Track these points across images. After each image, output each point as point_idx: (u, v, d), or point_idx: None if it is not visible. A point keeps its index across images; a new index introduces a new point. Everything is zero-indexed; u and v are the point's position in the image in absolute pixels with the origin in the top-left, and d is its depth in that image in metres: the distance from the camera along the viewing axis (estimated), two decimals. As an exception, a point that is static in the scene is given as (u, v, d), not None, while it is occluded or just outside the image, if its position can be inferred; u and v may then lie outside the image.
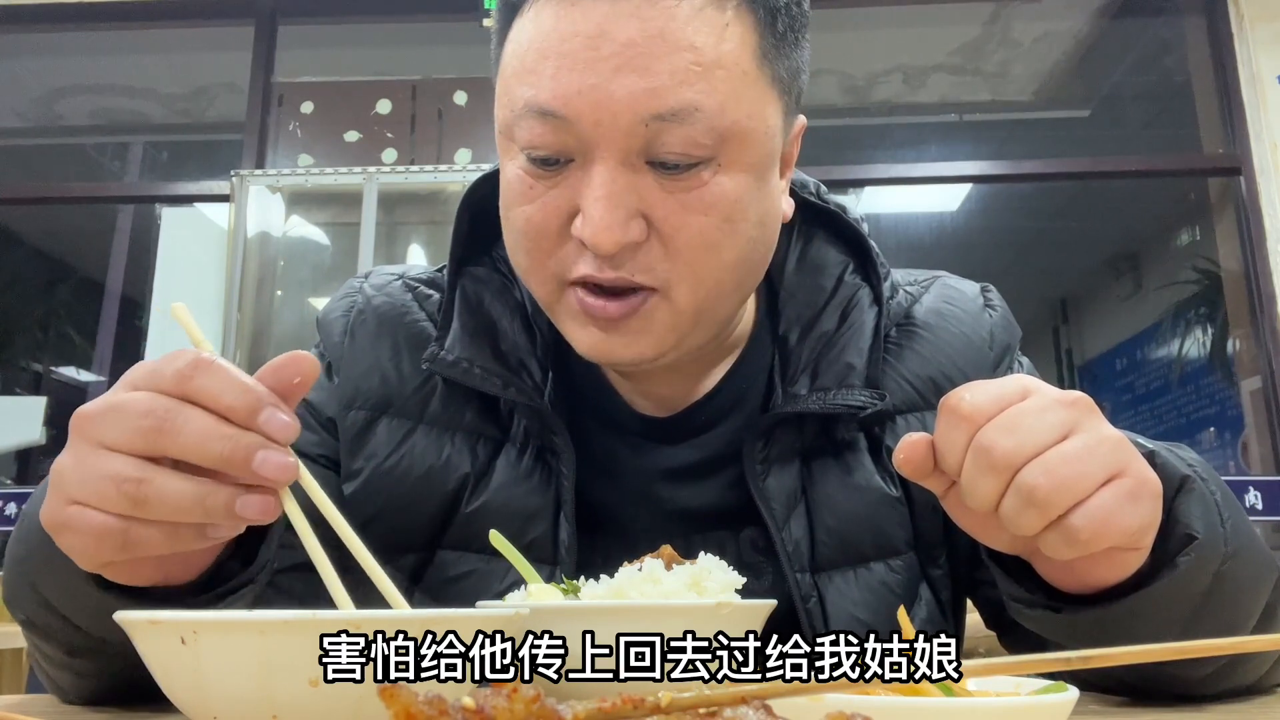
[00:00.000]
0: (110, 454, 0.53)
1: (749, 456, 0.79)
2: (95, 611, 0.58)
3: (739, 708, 0.30)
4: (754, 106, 0.70)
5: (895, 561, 0.81)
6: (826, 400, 0.79)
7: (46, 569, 0.61)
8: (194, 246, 4.29)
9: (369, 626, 0.44)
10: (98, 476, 0.53)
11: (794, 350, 0.83)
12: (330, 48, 4.97)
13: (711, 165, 0.69)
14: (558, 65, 0.67)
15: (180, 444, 0.52)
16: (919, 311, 0.88)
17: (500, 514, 0.78)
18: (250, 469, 0.53)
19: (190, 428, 0.52)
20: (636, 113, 0.66)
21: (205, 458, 0.52)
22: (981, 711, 0.44)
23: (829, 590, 0.78)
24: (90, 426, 0.54)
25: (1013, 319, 0.91)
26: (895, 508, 0.81)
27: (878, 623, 0.77)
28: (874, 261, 0.86)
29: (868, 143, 5.55)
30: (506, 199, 0.74)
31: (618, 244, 0.68)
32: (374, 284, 0.90)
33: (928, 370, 0.84)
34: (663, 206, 0.69)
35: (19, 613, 0.67)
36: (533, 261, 0.74)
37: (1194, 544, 0.62)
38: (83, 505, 0.53)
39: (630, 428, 0.84)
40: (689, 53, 0.66)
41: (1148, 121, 5.52)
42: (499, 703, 0.28)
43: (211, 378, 0.53)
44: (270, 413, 0.53)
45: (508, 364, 0.81)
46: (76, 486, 0.53)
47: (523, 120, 0.70)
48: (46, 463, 4.83)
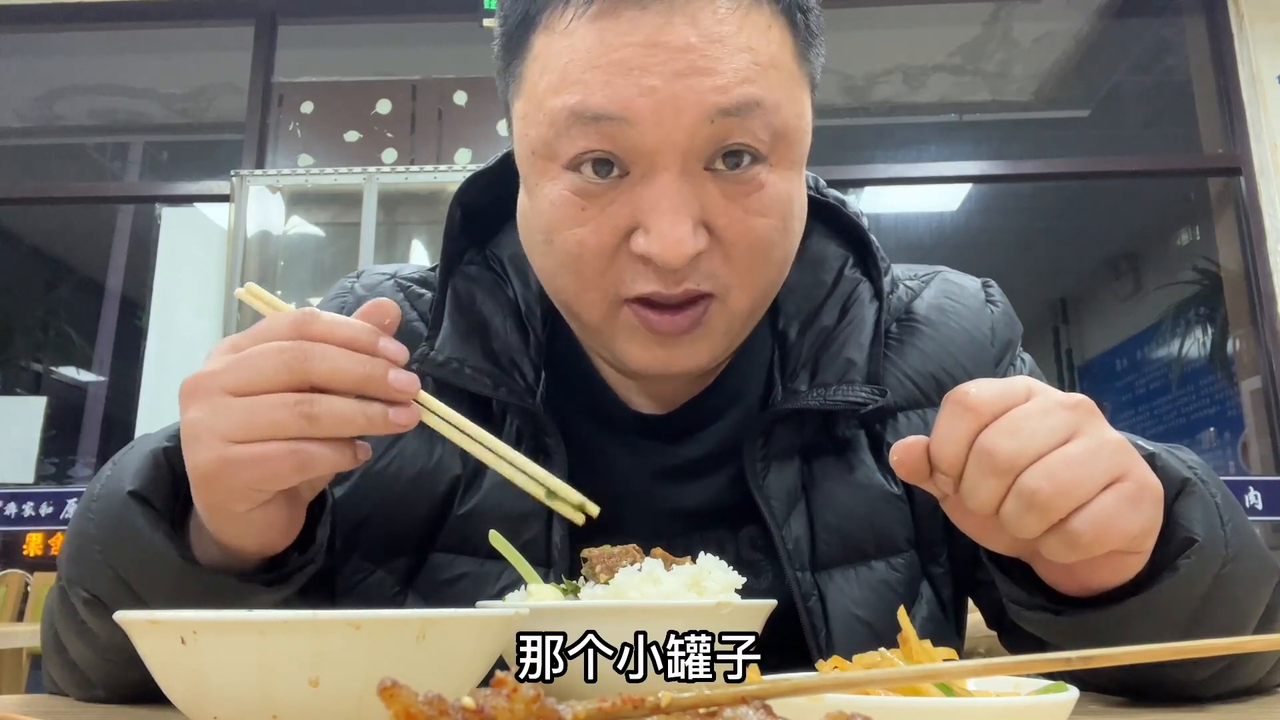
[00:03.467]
0: (261, 395, 0.58)
1: (749, 454, 0.79)
2: (175, 580, 0.63)
3: (739, 708, 0.30)
4: (799, 105, 0.72)
5: (896, 560, 0.80)
6: (827, 397, 0.78)
7: (129, 542, 0.64)
8: (194, 246, 4.29)
9: (369, 626, 0.44)
10: (266, 407, 0.58)
11: (793, 345, 0.82)
12: (330, 48, 4.97)
13: (765, 165, 0.70)
14: (610, 73, 0.66)
15: (323, 370, 0.58)
16: (920, 307, 0.87)
17: (493, 516, 0.77)
18: (386, 384, 0.59)
19: (329, 357, 0.58)
20: (702, 110, 0.66)
21: (346, 381, 0.58)
22: (981, 711, 0.44)
23: (829, 589, 0.78)
24: (218, 381, 0.58)
25: (1014, 314, 0.90)
26: (897, 505, 0.80)
27: (878, 621, 0.76)
28: (874, 255, 0.85)
29: (868, 143, 5.55)
30: (550, 224, 0.71)
31: (689, 257, 0.67)
32: (365, 284, 0.90)
33: (929, 366, 0.83)
34: (725, 214, 0.69)
35: (82, 591, 0.67)
36: (583, 283, 0.72)
37: (1194, 547, 0.61)
38: (249, 442, 0.58)
39: (627, 426, 0.83)
40: (747, 53, 0.67)
41: (1148, 121, 5.52)
42: (499, 703, 0.28)
43: (325, 321, 0.60)
44: (385, 340, 0.60)
45: (499, 364, 0.80)
46: (239, 427, 0.58)
47: (571, 129, 0.67)
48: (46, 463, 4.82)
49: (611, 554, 0.64)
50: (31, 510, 4.12)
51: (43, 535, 4.26)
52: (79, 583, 0.67)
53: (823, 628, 0.76)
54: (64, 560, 0.70)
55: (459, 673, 0.49)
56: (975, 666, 0.37)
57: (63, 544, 0.70)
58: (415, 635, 0.45)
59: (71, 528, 0.69)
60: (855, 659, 0.51)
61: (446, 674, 0.48)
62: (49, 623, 0.76)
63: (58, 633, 0.74)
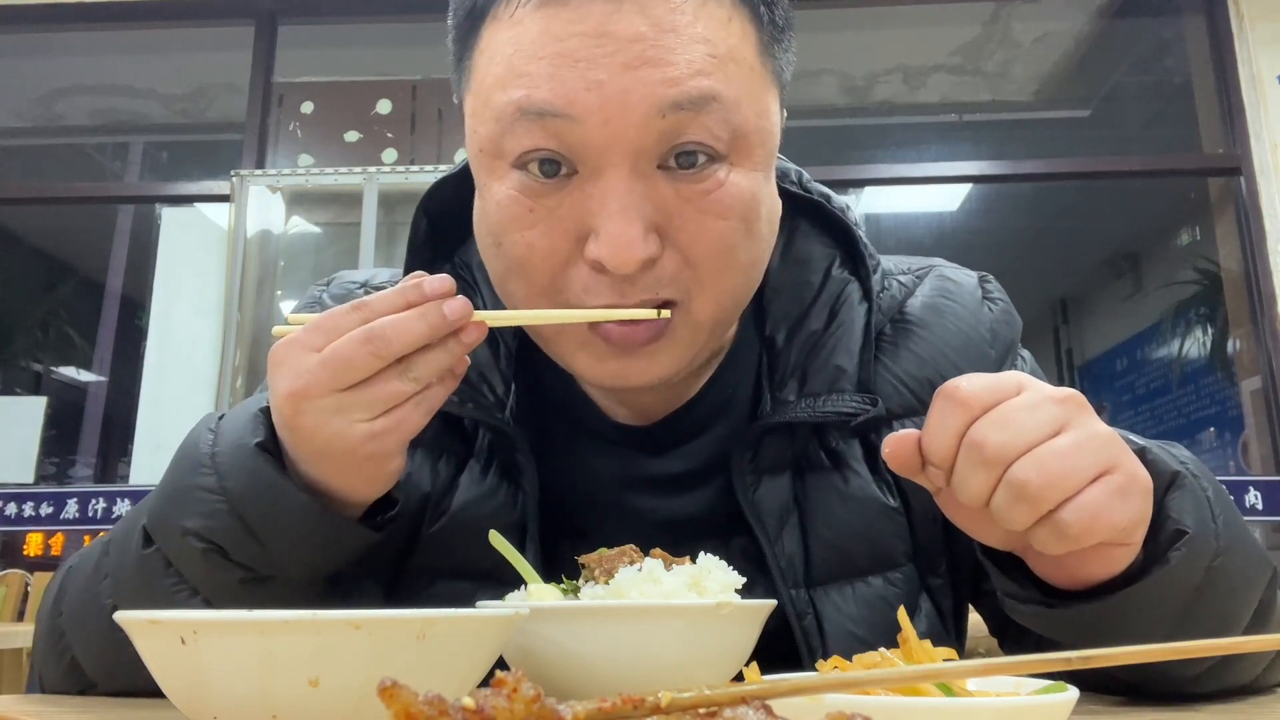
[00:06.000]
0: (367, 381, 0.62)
1: (738, 468, 0.76)
2: (303, 525, 0.66)
3: (739, 708, 0.30)
4: (761, 103, 0.69)
5: (894, 574, 0.78)
6: (816, 408, 0.76)
7: (264, 491, 0.65)
8: (194, 246, 4.29)
9: (369, 626, 0.44)
10: (380, 385, 0.62)
11: (781, 352, 0.79)
12: (330, 48, 4.97)
13: (724, 164, 0.66)
14: (555, 63, 0.63)
15: (401, 343, 0.62)
16: (914, 306, 0.84)
17: (465, 534, 0.76)
18: (447, 323, 0.63)
19: (401, 331, 0.62)
20: (652, 104, 0.63)
21: (420, 339, 0.62)
22: (981, 711, 0.43)
23: (825, 606, 0.76)
24: (320, 384, 0.62)
25: (1014, 311, 0.87)
26: (893, 518, 0.78)
27: (876, 639, 0.73)
28: (862, 253, 0.82)
29: (868, 143, 5.55)
30: (498, 224, 0.69)
31: (638, 261, 0.64)
32: (334, 294, 0.89)
33: (925, 372, 0.80)
34: (680, 215, 0.66)
35: (197, 541, 0.66)
36: (532, 290, 0.69)
37: (1185, 539, 0.61)
38: (375, 416, 0.63)
39: (609, 438, 0.80)
40: (703, 45, 0.64)
41: (1148, 121, 5.52)
42: (499, 703, 0.28)
43: (380, 301, 0.63)
44: (428, 282, 0.64)
45: (467, 379, 0.75)
46: (364, 407, 0.62)
47: (516, 126, 0.65)
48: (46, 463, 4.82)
49: (609, 556, 0.64)
50: (31, 510, 4.12)
51: (43, 535, 4.26)
52: (196, 534, 0.66)
53: (819, 646, 0.75)
54: (169, 517, 0.67)
55: (459, 673, 0.49)
56: (975, 666, 0.37)
57: (156, 505, 0.69)
58: (415, 635, 0.45)
59: (176, 481, 0.68)
60: (855, 659, 0.51)
61: (446, 674, 0.48)
62: (78, 600, 0.74)
63: (64, 631, 0.74)
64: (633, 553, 0.64)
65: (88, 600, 0.72)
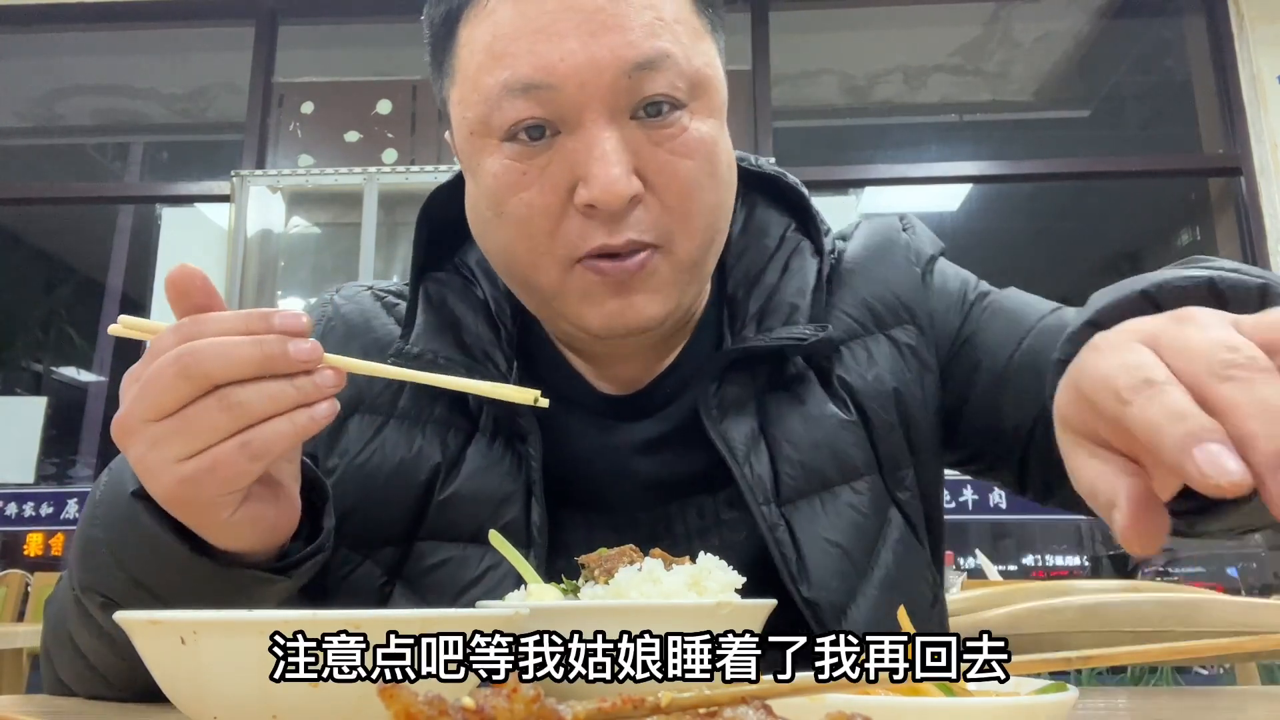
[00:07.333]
0: (180, 411, 0.57)
1: (703, 402, 0.81)
2: (187, 576, 0.63)
3: (739, 708, 0.30)
4: (707, 56, 0.76)
5: (859, 484, 0.82)
6: (771, 337, 0.82)
7: (138, 542, 0.64)
8: (194, 246, 4.30)
9: (370, 626, 0.44)
10: (193, 416, 0.57)
11: (741, 302, 0.86)
12: (330, 48, 4.97)
13: (686, 111, 0.74)
14: (533, 41, 0.71)
15: (219, 364, 0.57)
16: (849, 252, 0.91)
17: (473, 500, 0.80)
18: (288, 357, 0.58)
19: (219, 350, 0.57)
20: (620, 65, 0.70)
21: (246, 366, 0.57)
22: (981, 711, 0.44)
23: (796, 518, 0.79)
24: (135, 415, 0.58)
25: (932, 235, 0.94)
26: (852, 430, 0.83)
27: (850, 543, 0.78)
28: (814, 219, 0.90)
29: (868, 143, 5.56)
30: (495, 195, 0.74)
31: (626, 196, 0.70)
32: (344, 295, 0.93)
33: (861, 296, 0.88)
34: (654, 159, 0.73)
35: (97, 595, 0.67)
36: (536, 248, 0.74)
37: None
38: (194, 455, 0.58)
39: (597, 409, 0.85)
40: (650, 10, 0.72)
41: (1148, 121, 5.53)
42: (499, 703, 0.28)
43: (209, 320, 0.59)
44: (278, 316, 0.59)
45: (472, 355, 0.83)
46: (180, 446, 0.58)
47: (503, 102, 0.72)
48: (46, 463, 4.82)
49: (609, 556, 0.64)
50: (32, 510, 4.13)
51: (43, 535, 4.27)
52: (93, 588, 0.68)
53: (793, 555, 0.77)
54: (75, 569, 0.70)
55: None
56: (975, 666, 0.37)
57: (71, 554, 0.70)
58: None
59: (78, 536, 0.70)
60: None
61: (446, 674, 0.48)
62: (56, 621, 0.76)
63: (71, 634, 0.74)
64: (632, 553, 0.65)
65: (59, 628, 0.76)
